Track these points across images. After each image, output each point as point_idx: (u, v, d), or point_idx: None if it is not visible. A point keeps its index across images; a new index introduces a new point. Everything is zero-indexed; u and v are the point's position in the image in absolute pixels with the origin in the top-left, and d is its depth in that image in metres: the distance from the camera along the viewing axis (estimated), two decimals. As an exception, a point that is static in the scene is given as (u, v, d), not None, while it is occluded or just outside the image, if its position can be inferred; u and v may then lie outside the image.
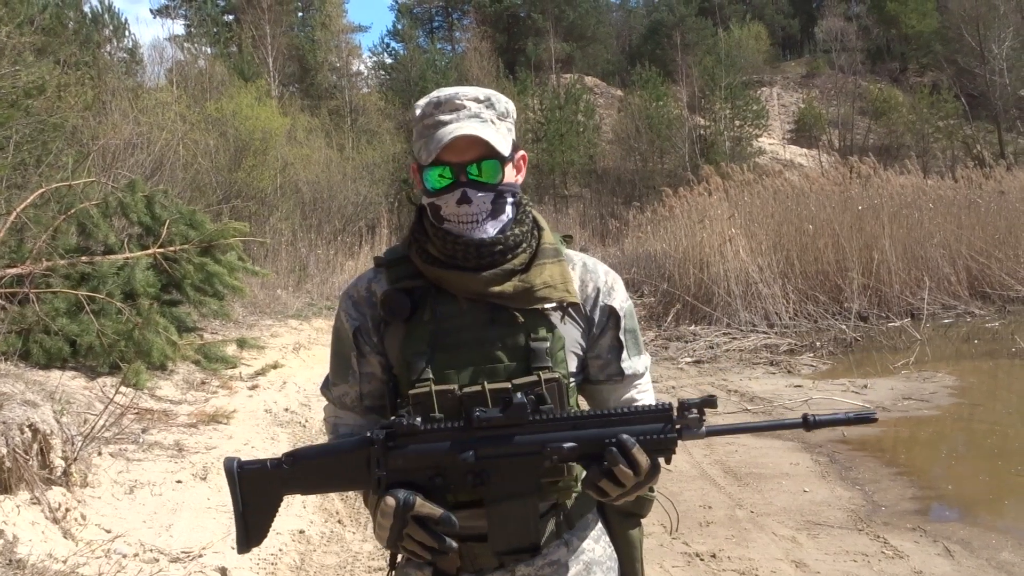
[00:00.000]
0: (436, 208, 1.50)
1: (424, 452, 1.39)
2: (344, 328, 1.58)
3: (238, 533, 1.45)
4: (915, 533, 4.59)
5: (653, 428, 1.39)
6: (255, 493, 1.44)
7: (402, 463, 1.38)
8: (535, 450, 1.38)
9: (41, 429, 3.88)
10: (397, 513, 1.34)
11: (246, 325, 9.43)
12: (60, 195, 7.16)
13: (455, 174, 1.47)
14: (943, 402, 7.58)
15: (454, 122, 1.47)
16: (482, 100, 1.50)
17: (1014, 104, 32.42)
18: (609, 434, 1.38)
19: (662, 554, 4.31)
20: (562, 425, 1.40)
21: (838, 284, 12.24)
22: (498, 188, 1.50)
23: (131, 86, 15.33)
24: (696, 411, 1.39)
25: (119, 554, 3.61)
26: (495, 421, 1.38)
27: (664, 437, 1.39)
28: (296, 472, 1.42)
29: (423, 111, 1.51)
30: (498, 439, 1.38)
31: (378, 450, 1.38)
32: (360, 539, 4.53)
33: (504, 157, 1.50)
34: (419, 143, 1.51)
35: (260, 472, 1.44)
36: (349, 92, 30.30)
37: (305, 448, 1.47)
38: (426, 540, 1.35)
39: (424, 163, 1.48)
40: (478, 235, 1.49)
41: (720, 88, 30.63)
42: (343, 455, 1.42)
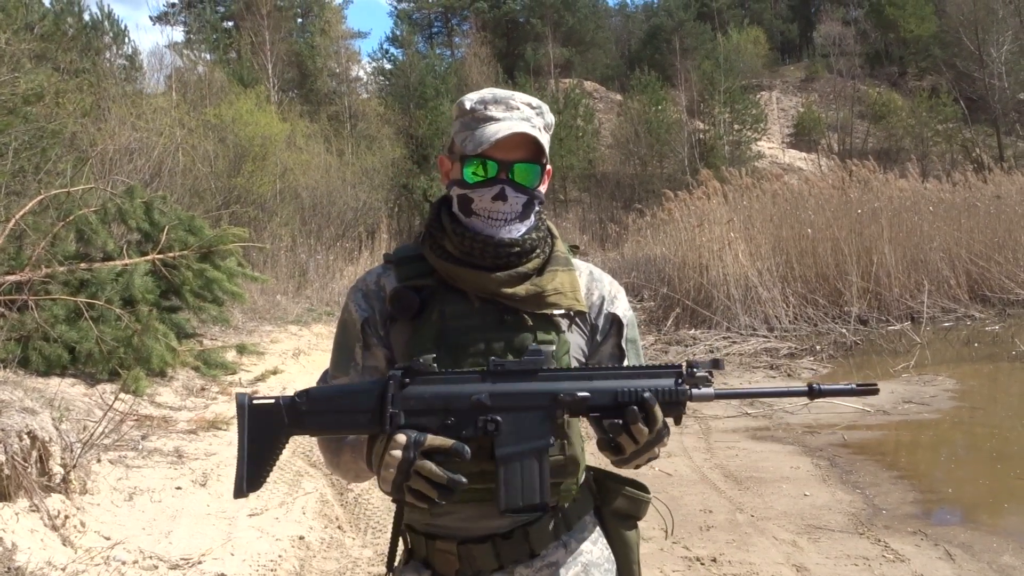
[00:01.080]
0: (467, 200, 1.51)
1: (439, 393, 1.39)
2: (352, 319, 1.57)
3: (238, 473, 1.41)
4: (916, 537, 4.58)
5: (665, 384, 1.41)
6: (262, 431, 1.41)
7: (415, 403, 1.38)
8: (548, 397, 1.39)
9: (40, 436, 3.88)
10: (407, 446, 1.32)
11: (246, 331, 9.43)
12: (59, 202, 7.16)
13: (497, 170, 1.49)
14: (943, 405, 7.57)
15: (507, 120, 1.49)
16: (534, 107, 1.54)
17: (1013, 107, 32.46)
18: (622, 387, 1.39)
19: (662, 559, 4.30)
20: (576, 376, 1.41)
21: (838, 288, 12.24)
22: (532, 193, 1.52)
23: (130, 92, 15.34)
24: (705, 371, 1.42)
25: (118, 561, 3.60)
26: (511, 366, 1.40)
27: (676, 390, 1.40)
28: (308, 409, 1.41)
29: (474, 104, 1.52)
30: (513, 383, 1.39)
31: (394, 386, 1.38)
32: (360, 545, 4.52)
33: (544, 164, 1.53)
34: (464, 134, 1.51)
35: (270, 409, 1.42)
36: (348, 98, 30.33)
37: (319, 387, 1.47)
38: (435, 475, 1.31)
39: (469, 153, 1.49)
40: (503, 234, 1.50)
41: (719, 92, 30.70)
42: (357, 395, 1.41)
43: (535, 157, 1.50)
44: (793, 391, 1.50)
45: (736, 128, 31.34)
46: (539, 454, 1.40)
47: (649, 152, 30.18)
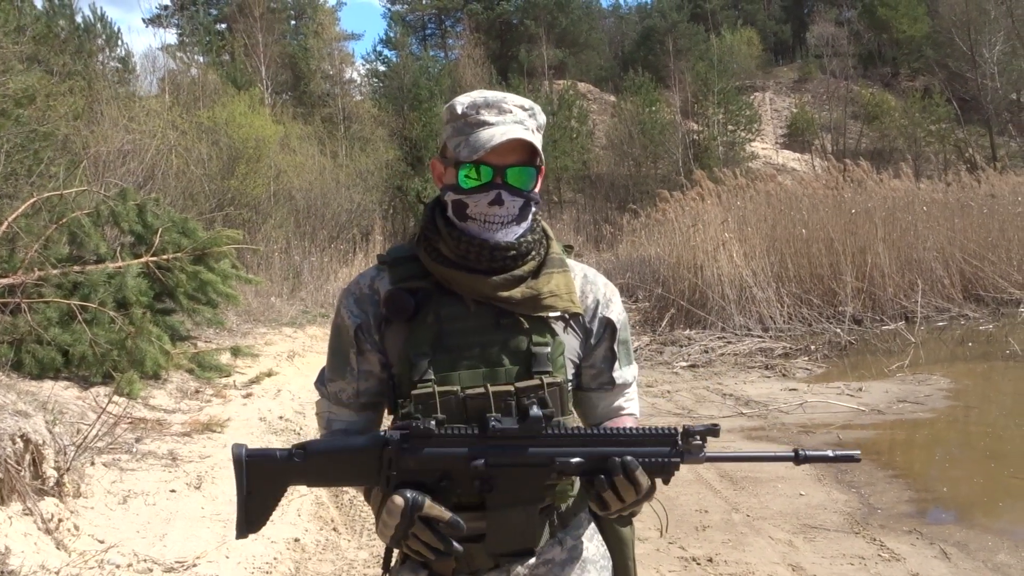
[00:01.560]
0: (463, 205, 1.51)
1: (436, 456, 1.40)
2: (345, 325, 1.57)
3: (239, 518, 1.43)
4: (911, 536, 4.58)
5: (658, 452, 1.44)
6: (260, 481, 1.43)
7: (413, 464, 1.39)
8: (544, 463, 1.41)
9: (33, 439, 3.86)
10: (405, 512, 1.35)
11: (240, 333, 9.40)
12: (51, 204, 7.14)
13: (493, 175, 1.48)
14: (938, 405, 7.59)
15: (500, 125, 1.48)
16: (526, 109, 1.53)
17: (1005, 108, 32.59)
18: (616, 453, 1.42)
19: (659, 559, 4.30)
20: (572, 441, 1.43)
21: (832, 287, 12.26)
22: (529, 195, 1.52)
23: (123, 95, 15.30)
24: (699, 438, 1.45)
25: (112, 564, 3.59)
26: (510, 432, 1.41)
27: (667, 461, 1.44)
28: (305, 465, 1.41)
29: (465, 108, 1.51)
30: (510, 449, 1.41)
31: (392, 451, 1.39)
32: (355, 547, 4.51)
33: (540, 167, 1.53)
34: (458, 139, 1.51)
35: (268, 461, 1.43)
36: (342, 100, 30.28)
37: (316, 441, 1.47)
38: (432, 541, 1.36)
39: (464, 159, 1.48)
40: (499, 237, 1.50)
41: (713, 93, 30.73)
42: (355, 453, 1.42)
43: (530, 159, 1.50)
44: (779, 456, 1.54)
45: (730, 129, 31.37)
46: (529, 508, 1.46)
47: (643, 153, 30.19)
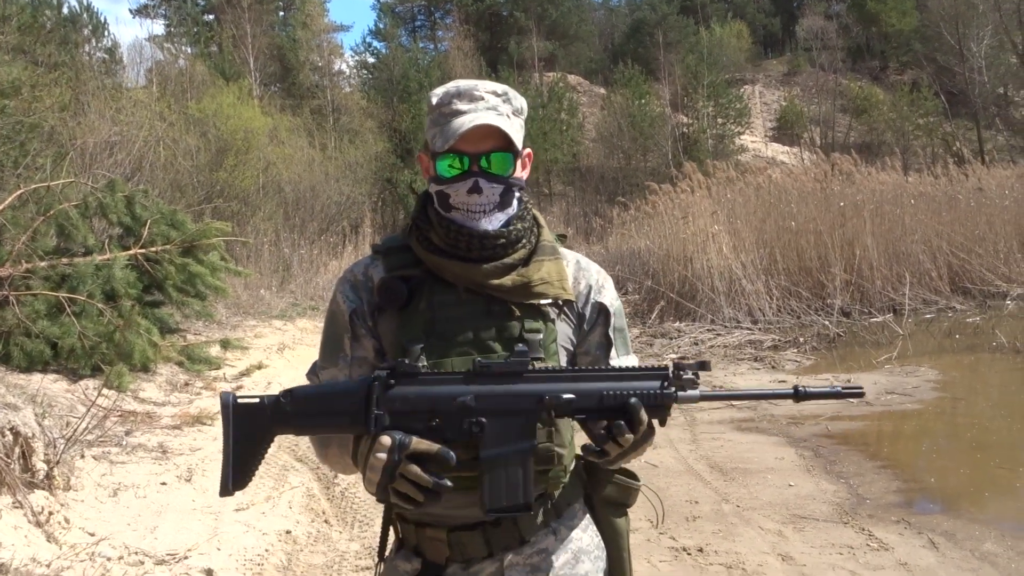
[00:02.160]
0: (445, 196, 1.51)
1: (424, 394, 1.38)
2: (340, 310, 1.57)
3: (223, 473, 1.41)
4: (900, 525, 4.62)
5: (650, 385, 1.41)
6: (247, 429, 1.41)
7: (400, 404, 1.38)
8: (534, 397, 1.39)
9: (23, 432, 3.84)
10: (392, 449, 1.32)
11: (229, 326, 9.37)
12: (39, 196, 7.09)
13: (469, 163, 1.48)
14: (925, 396, 7.65)
15: (472, 112, 1.48)
16: (500, 94, 1.52)
17: (993, 102, 32.76)
18: (607, 388, 1.39)
19: (649, 549, 4.32)
20: (561, 377, 1.41)
21: (821, 280, 12.32)
22: (508, 181, 1.52)
23: (110, 86, 15.18)
24: (691, 373, 1.41)
25: (103, 557, 3.58)
26: (497, 367, 1.39)
27: (661, 394, 1.40)
28: (292, 409, 1.40)
29: (440, 99, 1.52)
30: (498, 385, 1.39)
31: (379, 387, 1.38)
32: (347, 539, 4.51)
33: (517, 151, 1.52)
34: (434, 130, 1.51)
35: (255, 408, 1.42)
36: (331, 91, 30.14)
37: (303, 386, 1.46)
38: (420, 478, 1.32)
39: (438, 150, 1.49)
40: (484, 226, 1.50)
41: (702, 86, 30.75)
42: (342, 393, 1.41)
43: (506, 145, 1.50)
44: (779, 393, 1.51)
45: (719, 122, 31.42)
46: (523, 456, 1.41)
47: (633, 146, 30.18)
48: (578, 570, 1.57)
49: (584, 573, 1.58)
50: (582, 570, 1.58)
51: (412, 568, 1.53)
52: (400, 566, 1.55)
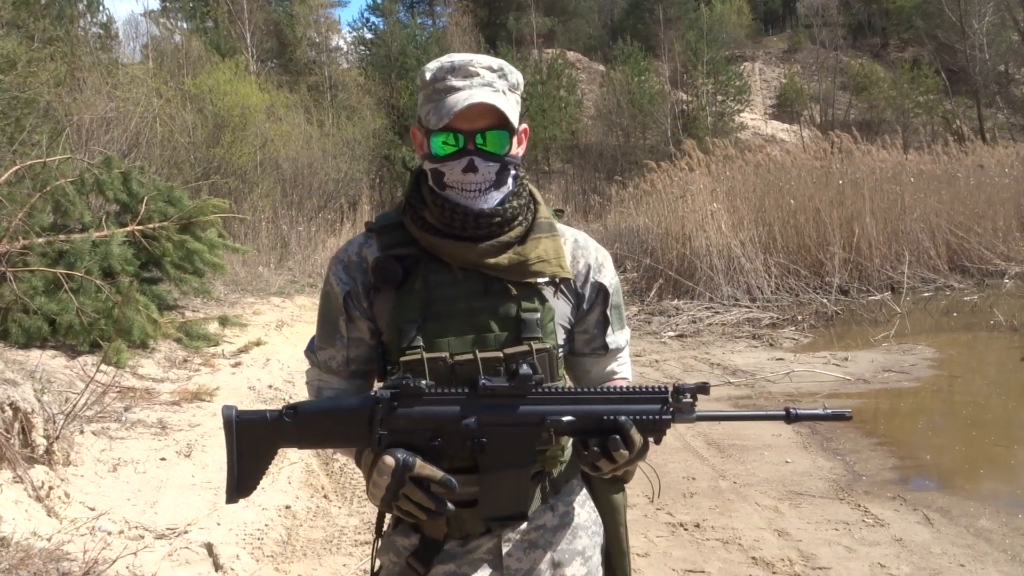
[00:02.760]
0: (439, 174, 1.49)
1: (427, 415, 1.39)
2: (334, 292, 1.56)
3: (229, 482, 1.43)
4: (895, 502, 4.66)
5: (649, 409, 1.43)
6: (251, 443, 1.42)
7: (404, 423, 1.38)
8: (535, 421, 1.40)
9: (22, 408, 3.85)
10: (395, 472, 1.34)
11: (228, 303, 9.36)
12: (35, 172, 7.05)
13: (464, 141, 1.45)
14: (922, 374, 7.67)
15: (467, 89, 1.45)
16: (495, 69, 1.49)
17: (993, 79, 32.60)
18: (607, 411, 1.41)
19: (646, 524, 4.35)
20: (563, 400, 1.42)
21: (819, 258, 12.32)
22: (504, 159, 1.49)
23: (105, 62, 15.07)
24: (690, 396, 1.43)
25: (104, 531, 3.60)
26: (500, 390, 1.39)
27: (658, 419, 1.43)
28: (296, 426, 1.41)
29: (434, 75, 1.48)
30: (501, 408, 1.40)
31: (382, 409, 1.38)
32: (346, 514, 4.54)
33: (513, 129, 1.49)
34: (427, 107, 1.48)
35: (258, 423, 1.42)
36: (328, 68, 29.93)
37: (307, 402, 1.46)
38: (423, 501, 1.35)
39: (433, 127, 1.46)
40: (479, 205, 1.48)
41: (702, 63, 30.58)
42: (346, 412, 1.42)
43: (501, 123, 1.47)
44: (771, 415, 1.53)
45: (719, 99, 31.27)
46: (521, 471, 1.44)
47: (632, 123, 30.06)
48: (575, 545, 1.58)
49: (582, 548, 1.59)
50: (579, 545, 1.58)
51: (410, 544, 1.53)
52: (398, 542, 1.56)
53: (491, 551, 1.52)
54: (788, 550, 4.03)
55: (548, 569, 1.54)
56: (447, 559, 1.51)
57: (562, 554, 1.55)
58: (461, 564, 1.51)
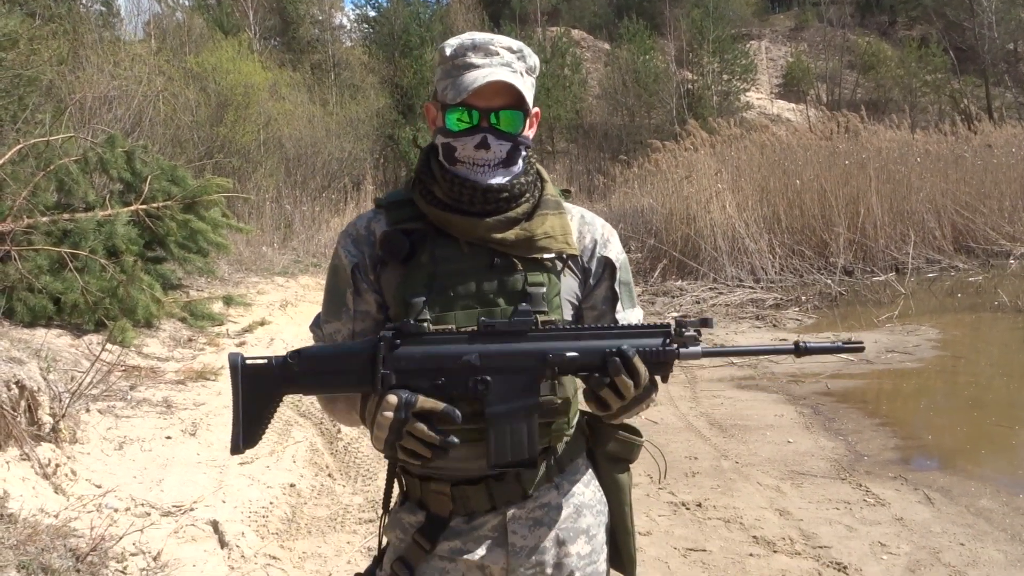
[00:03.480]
0: (451, 149, 1.50)
1: (429, 353, 1.40)
2: (342, 264, 1.58)
3: (234, 431, 1.44)
4: (896, 481, 4.68)
5: (653, 343, 1.42)
6: (256, 390, 1.43)
7: (406, 363, 1.39)
8: (538, 357, 1.41)
9: (28, 386, 3.87)
10: (399, 407, 1.35)
11: (232, 282, 9.38)
12: (38, 151, 7.04)
13: (479, 118, 1.47)
14: (926, 355, 7.68)
15: (486, 67, 1.47)
16: (515, 51, 1.51)
17: (1002, 58, 32.30)
18: (610, 345, 1.40)
19: (648, 503, 4.38)
20: (565, 336, 1.42)
21: (824, 239, 12.29)
22: (517, 139, 1.51)
23: (108, 39, 14.98)
24: (694, 331, 1.42)
25: (110, 508, 3.63)
26: (500, 327, 1.40)
27: (664, 350, 1.41)
28: (300, 369, 1.42)
29: (455, 51, 1.49)
30: (502, 344, 1.41)
31: (385, 348, 1.40)
32: (350, 492, 4.57)
33: (527, 110, 1.51)
34: (446, 82, 1.49)
35: (263, 368, 1.44)
36: (332, 46, 29.77)
37: (311, 347, 1.48)
38: (427, 436, 1.35)
39: (449, 102, 1.47)
40: (487, 180, 1.50)
41: (708, 42, 30.34)
42: (349, 353, 1.43)
43: (517, 103, 1.49)
44: (780, 349, 1.51)
45: (725, 78, 31.05)
46: (527, 412, 1.43)
47: (637, 102, 29.90)
48: (580, 524, 1.59)
49: (586, 527, 1.60)
50: (584, 524, 1.60)
51: (416, 521, 1.55)
52: (404, 519, 1.57)
53: (496, 528, 1.53)
54: (789, 529, 4.06)
55: (553, 547, 1.55)
56: (453, 536, 1.53)
57: (567, 532, 1.57)
58: (467, 541, 1.53)
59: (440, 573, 1.53)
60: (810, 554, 3.78)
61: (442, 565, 1.53)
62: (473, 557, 1.52)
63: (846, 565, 3.65)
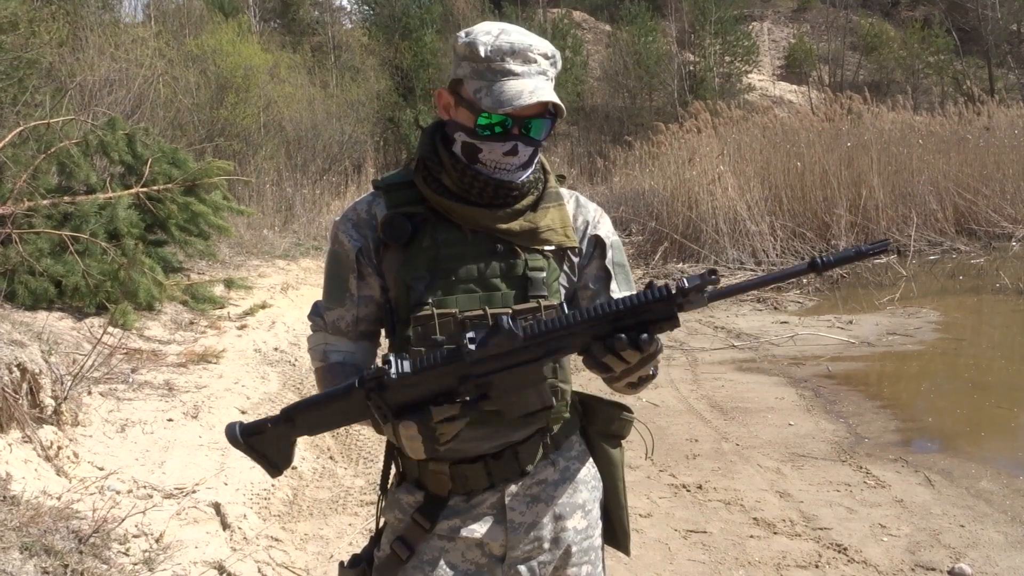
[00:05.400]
0: (475, 150, 1.49)
1: (422, 388, 1.36)
2: (345, 249, 1.57)
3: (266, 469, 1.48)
4: (897, 464, 4.69)
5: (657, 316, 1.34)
6: (265, 446, 1.45)
7: (403, 397, 1.36)
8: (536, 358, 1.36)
9: (30, 369, 3.87)
10: (422, 431, 1.34)
11: (233, 265, 9.37)
12: (39, 134, 7.02)
13: (512, 126, 1.47)
14: (927, 337, 7.68)
15: (525, 77, 1.45)
16: (550, 57, 1.51)
17: (1005, 39, 32.08)
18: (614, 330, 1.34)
19: (649, 486, 4.39)
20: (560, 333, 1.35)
21: (825, 221, 12.27)
22: (540, 143, 1.52)
23: (107, 21, 14.90)
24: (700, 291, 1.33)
25: (112, 490, 3.65)
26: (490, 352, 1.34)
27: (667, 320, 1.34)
28: (301, 424, 1.43)
29: (489, 52, 1.45)
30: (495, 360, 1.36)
31: (375, 396, 1.35)
32: (351, 474, 4.59)
33: (555, 118, 1.52)
34: (479, 84, 1.45)
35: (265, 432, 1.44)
36: (332, 28, 29.59)
37: (301, 402, 1.46)
38: (456, 426, 1.36)
39: (487, 109, 1.44)
40: (507, 179, 1.50)
41: (710, 23, 30.12)
42: (343, 401, 1.40)
43: (549, 112, 1.50)
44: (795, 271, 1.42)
45: (727, 60, 30.86)
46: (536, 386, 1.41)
47: (638, 84, 29.71)
48: (576, 499, 1.62)
49: (582, 502, 1.62)
50: (580, 499, 1.62)
51: (415, 500, 1.56)
52: (403, 499, 1.58)
53: (494, 505, 1.55)
54: (790, 511, 4.07)
55: (550, 522, 1.58)
56: (452, 514, 1.55)
57: (563, 507, 1.59)
58: (466, 519, 1.55)
59: (439, 552, 1.54)
60: (810, 536, 3.80)
61: (441, 544, 1.55)
62: (472, 535, 1.54)
63: (846, 547, 3.66)
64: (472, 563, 1.55)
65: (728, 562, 3.57)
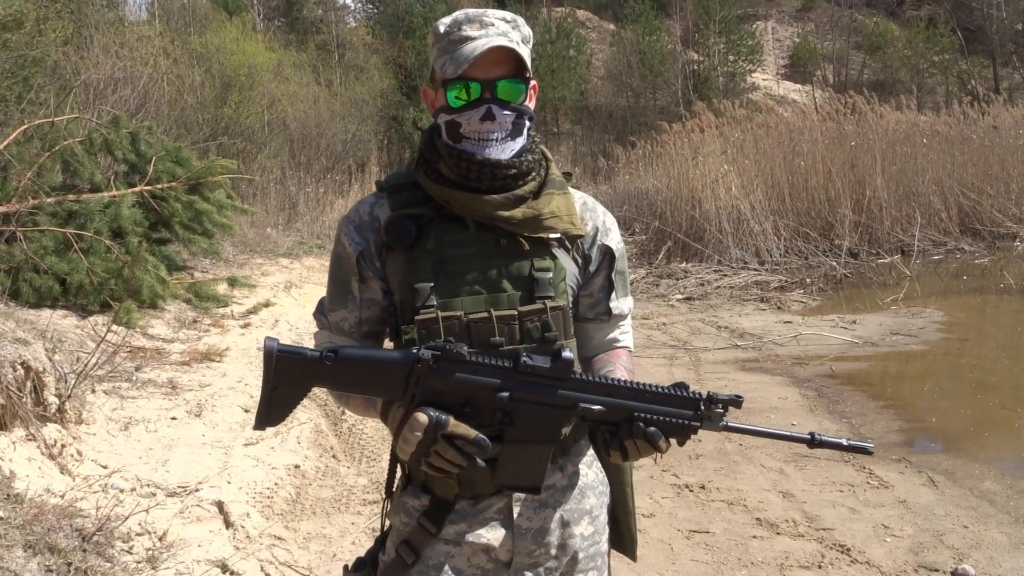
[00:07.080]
0: (455, 126, 1.49)
1: (464, 381, 1.39)
2: (346, 252, 1.56)
3: (259, 411, 1.43)
4: (900, 464, 4.68)
5: (681, 414, 1.45)
6: (287, 378, 1.42)
7: (440, 386, 1.38)
8: (568, 405, 1.41)
9: (34, 367, 3.88)
10: (428, 429, 1.34)
11: (236, 264, 9.39)
12: (43, 132, 7.03)
13: (481, 91, 1.46)
14: (931, 337, 7.66)
15: (483, 38, 1.45)
16: (509, 21, 1.50)
17: (1010, 39, 32.00)
18: (639, 408, 1.42)
19: (652, 486, 4.39)
20: (599, 389, 1.43)
21: (829, 221, 12.25)
22: (520, 108, 1.50)
23: (112, 20, 14.91)
24: (722, 407, 1.46)
25: (116, 488, 3.65)
26: (540, 371, 1.40)
27: (687, 424, 1.45)
28: (334, 369, 1.40)
29: (448, 27, 1.48)
30: (537, 386, 1.40)
31: (422, 369, 1.37)
32: (355, 473, 4.59)
33: (528, 78, 1.50)
34: (443, 58, 1.48)
35: (297, 360, 1.41)
36: (336, 26, 29.61)
37: (349, 348, 1.44)
38: (455, 459, 1.35)
39: (449, 76, 1.46)
40: (496, 154, 1.48)
41: (714, 22, 30.08)
42: (386, 364, 1.40)
43: (517, 72, 1.48)
44: (795, 437, 1.53)
45: (731, 59, 30.83)
46: (543, 448, 1.44)
47: (642, 84, 29.69)
48: (584, 505, 1.60)
49: (590, 508, 1.61)
50: (588, 505, 1.61)
51: (421, 504, 1.55)
52: (409, 503, 1.57)
53: (502, 511, 1.54)
54: (792, 511, 4.07)
55: (557, 528, 1.56)
56: (458, 519, 1.53)
57: (571, 513, 1.58)
58: (472, 523, 1.53)
59: (445, 556, 1.53)
60: (813, 536, 3.79)
61: (447, 549, 1.53)
62: (479, 540, 1.52)
63: (849, 547, 3.66)
64: (478, 568, 1.53)
65: (731, 562, 3.57)
